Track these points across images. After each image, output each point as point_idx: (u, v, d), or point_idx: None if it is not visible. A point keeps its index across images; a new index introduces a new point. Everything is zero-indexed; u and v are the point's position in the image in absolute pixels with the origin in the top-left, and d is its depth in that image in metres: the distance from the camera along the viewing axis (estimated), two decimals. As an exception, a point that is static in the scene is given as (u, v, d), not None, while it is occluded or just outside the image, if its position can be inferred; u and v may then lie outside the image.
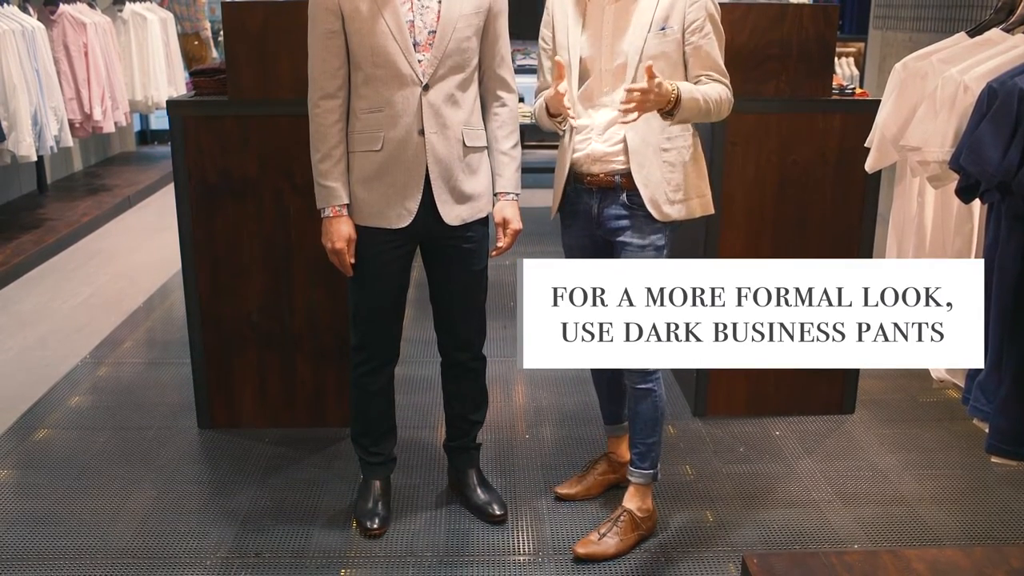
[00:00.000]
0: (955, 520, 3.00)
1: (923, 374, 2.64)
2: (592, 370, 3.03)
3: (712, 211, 2.78)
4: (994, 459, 2.25)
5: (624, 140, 2.61)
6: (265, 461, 3.32)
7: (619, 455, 3.09)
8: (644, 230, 2.65)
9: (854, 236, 3.49)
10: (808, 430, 3.57)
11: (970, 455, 3.36)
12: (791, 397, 3.65)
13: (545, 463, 3.32)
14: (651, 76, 2.37)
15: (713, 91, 2.58)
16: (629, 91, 2.40)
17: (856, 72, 7.30)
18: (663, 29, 2.57)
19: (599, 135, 2.64)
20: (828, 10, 3.37)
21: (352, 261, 2.71)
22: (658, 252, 2.68)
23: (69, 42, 6.49)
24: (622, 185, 2.64)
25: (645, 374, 2.71)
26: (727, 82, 2.63)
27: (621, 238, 2.68)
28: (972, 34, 2.52)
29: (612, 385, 3.02)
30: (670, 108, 2.46)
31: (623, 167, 2.62)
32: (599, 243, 2.76)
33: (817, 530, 2.93)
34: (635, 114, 2.42)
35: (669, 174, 2.63)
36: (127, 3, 7.72)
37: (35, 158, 5.80)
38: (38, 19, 6.11)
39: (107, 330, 4.60)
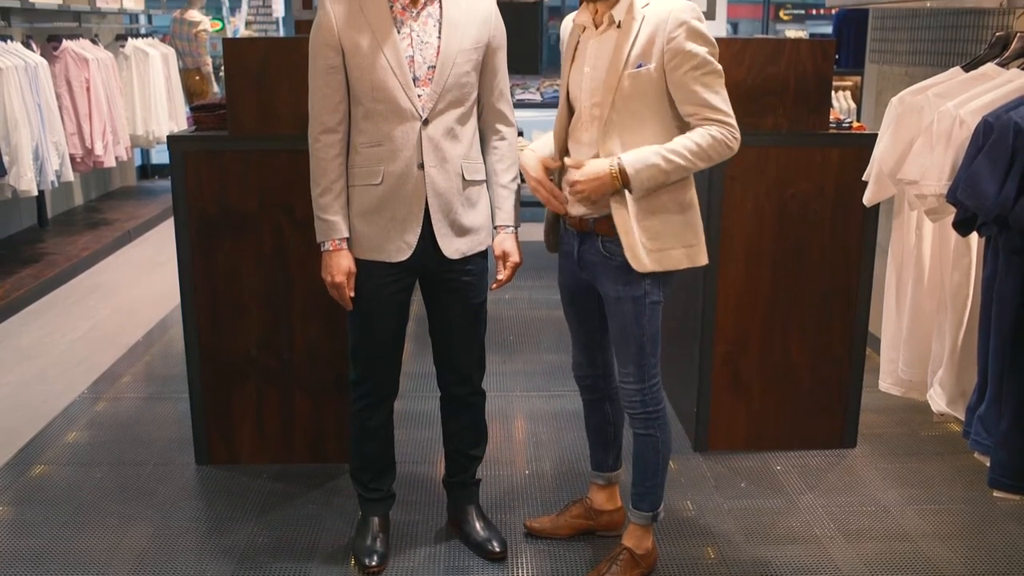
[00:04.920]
0: (959, 556, 2.97)
1: (924, 407, 2.63)
2: (585, 413, 2.98)
3: (703, 262, 2.62)
4: (997, 493, 2.23)
5: None
6: (263, 497, 3.30)
7: (596, 503, 3.03)
8: (619, 279, 2.56)
9: (853, 269, 3.49)
10: (809, 465, 3.55)
11: (973, 489, 3.34)
12: (792, 431, 3.64)
13: (545, 499, 3.29)
14: (573, 166, 2.41)
15: (687, 142, 2.44)
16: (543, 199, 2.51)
17: (853, 105, 7.35)
18: (640, 67, 2.44)
19: None
20: (824, 45, 3.40)
21: (352, 295, 2.71)
22: (636, 304, 2.56)
23: (71, 77, 6.54)
24: (595, 230, 2.58)
25: (647, 421, 2.67)
26: (724, 119, 2.46)
27: (600, 286, 2.64)
28: (967, 69, 2.53)
29: (598, 431, 2.96)
30: (621, 185, 2.42)
31: (597, 212, 2.55)
32: (583, 286, 2.72)
33: (820, 566, 2.91)
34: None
35: (646, 220, 2.51)
36: (129, 39, 7.78)
37: (36, 192, 5.82)
38: (41, 55, 6.16)
39: (106, 364, 4.59)
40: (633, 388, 2.64)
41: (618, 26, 2.47)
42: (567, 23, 2.66)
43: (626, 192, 2.48)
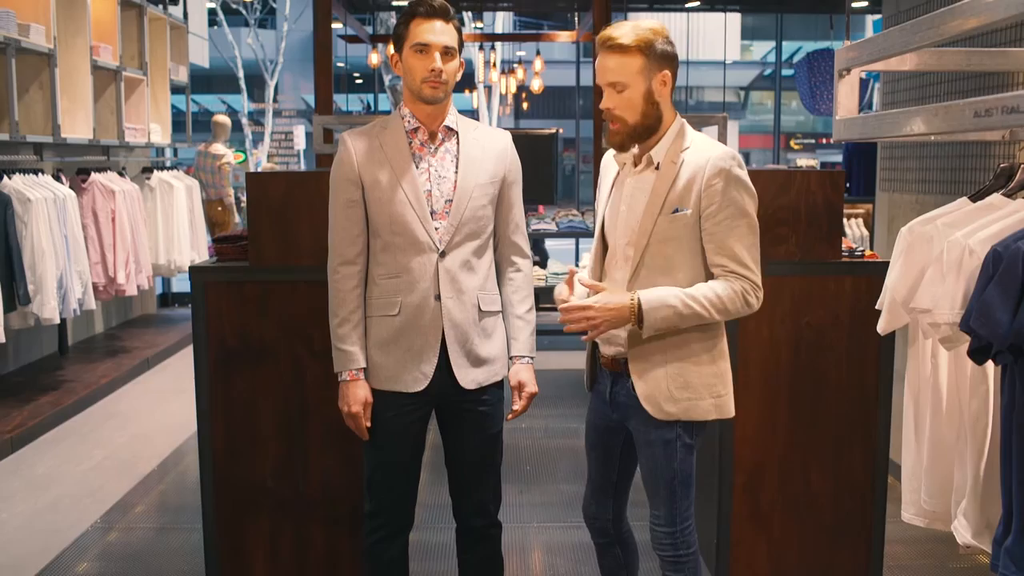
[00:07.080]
0: None
1: (950, 538, 2.57)
2: (597, 555, 2.86)
3: (731, 415, 2.54)
4: (1029, 631, 2.16)
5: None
6: (274, 632, 3.23)
7: None
8: (651, 422, 2.49)
9: (872, 396, 3.47)
10: (835, 598, 3.45)
11: (1005, 625, 3.23)
12: (815, 563, 3.55)
13: (563, 634, 3.21)
14: (589, 287, 2.36)
15: (708, 292, 2.40)
16: (563, 311, 2.39)
17: (866, 233, 7.43)
18: (676, 212, 2.42)
19: None
20: (834, 175, 3.46)
21: (368, 425, 2.71)
22: (668, 447, 2.49)
23: (98, 208, 6.71)
24: (627, 372, 2.52)
25: (676, 564, 2.56)
26: (747, 275, 2.43)
27: (631, 427, 2.58)
28: (974, 199, 2.58)
29: (611, 574, 2.84)
30: (633, 321, 2.37)
31: (627, 352, 2.51)
32: (612, 428, 2.65)
33: None
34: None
35: (675, 368, 2.46)
36: (155, 171, 8.01)
37: (58, 321, 5.89)
38: (70, 187, 6.34)
39: (120, 494, 4.56)
40: (663, 531, 2.56)
41: (656, 168, 2.47)
42: (607, 158, 2.67)
43: (646, 339, 2.44)
